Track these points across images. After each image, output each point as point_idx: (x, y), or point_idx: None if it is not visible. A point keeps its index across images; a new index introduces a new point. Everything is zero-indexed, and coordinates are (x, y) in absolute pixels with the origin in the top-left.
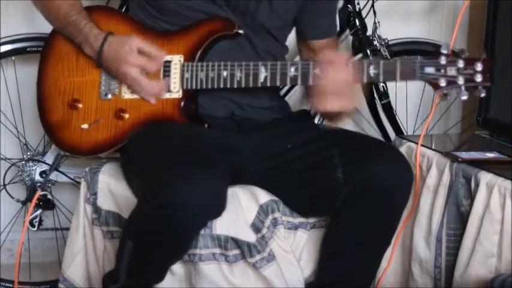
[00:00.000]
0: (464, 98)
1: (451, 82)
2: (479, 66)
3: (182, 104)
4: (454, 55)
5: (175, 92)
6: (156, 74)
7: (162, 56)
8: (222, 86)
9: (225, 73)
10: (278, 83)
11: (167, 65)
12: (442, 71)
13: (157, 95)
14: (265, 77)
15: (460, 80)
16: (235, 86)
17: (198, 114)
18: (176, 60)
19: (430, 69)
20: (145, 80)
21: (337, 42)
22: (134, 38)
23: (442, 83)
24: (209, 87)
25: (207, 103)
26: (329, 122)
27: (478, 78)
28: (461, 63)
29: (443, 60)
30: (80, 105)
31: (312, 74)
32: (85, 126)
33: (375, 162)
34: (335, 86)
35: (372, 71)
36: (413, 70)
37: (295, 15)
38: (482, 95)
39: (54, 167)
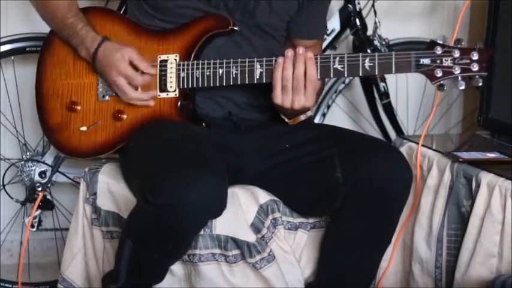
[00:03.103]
0: (462, 88)
1: (447, 73)
2: (475, 56)
3: (179, 103)
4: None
5: (172, 91)
6: (150, 82)
7: (150, 72)
8: (218, 83)
9: (220, 71)
10: None
11: (163, 64)
12: (438, 61)
13: (144, 105)
14: (261, 73)
15: (456, 70)
16: (231, 83)
17: (195, 114)
18: (172, 59)
19: (425, 61)
20: (130, 90)
21: (322, 46)
22: (128, 48)
23: (438, 73)
24: (205, 85)
25: (204, 103)
26: (284, 116)
27: (475, 67)
28: (457, 53)
29: (438, 51)
30: (78, 108)
31: None
32: (84, 128)
33: (374, 161)
34: (285, 80)
35: (367, 64)
36: (409, 62)
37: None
38: (479, 84)
39: (56, 168)
